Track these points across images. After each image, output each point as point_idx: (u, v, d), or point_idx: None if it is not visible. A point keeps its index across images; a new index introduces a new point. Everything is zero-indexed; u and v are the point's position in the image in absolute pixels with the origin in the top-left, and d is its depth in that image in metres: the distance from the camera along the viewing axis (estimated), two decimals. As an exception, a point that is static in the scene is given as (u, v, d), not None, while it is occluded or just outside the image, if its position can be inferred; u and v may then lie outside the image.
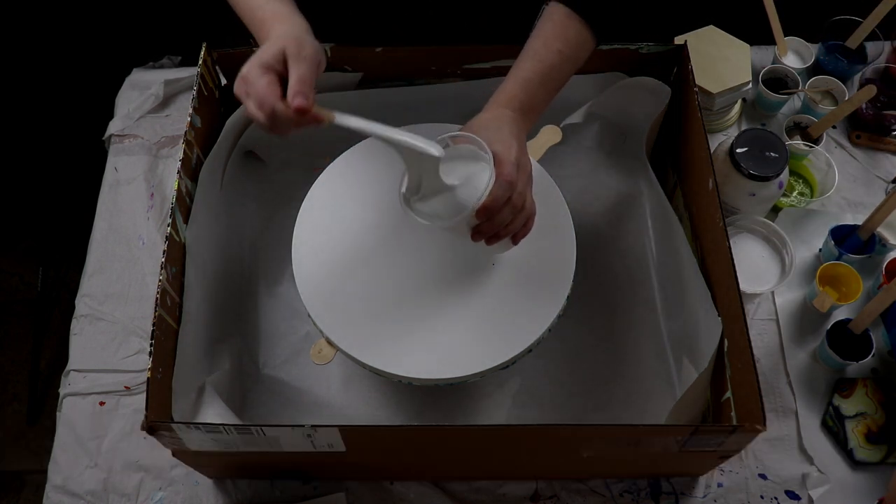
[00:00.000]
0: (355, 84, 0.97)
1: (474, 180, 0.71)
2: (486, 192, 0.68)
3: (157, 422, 0.68)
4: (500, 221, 0.71)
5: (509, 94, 0.77)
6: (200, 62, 0.88)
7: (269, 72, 0.66)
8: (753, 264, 0.95)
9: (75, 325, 0.98)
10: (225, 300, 0.93)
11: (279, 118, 0.65)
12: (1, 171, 1.81)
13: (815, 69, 1.14)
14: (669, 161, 0.99)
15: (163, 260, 0.76)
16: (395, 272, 0.82)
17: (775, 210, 1.02)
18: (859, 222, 0.97)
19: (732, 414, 0.75)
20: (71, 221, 1.68)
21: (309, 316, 0.79)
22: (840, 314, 0.97)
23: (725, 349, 0.78)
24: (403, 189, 0.73)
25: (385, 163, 0.87)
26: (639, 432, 0.70)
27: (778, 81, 1.12)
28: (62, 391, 0.94)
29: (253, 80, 0.66)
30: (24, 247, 1.78)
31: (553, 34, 0.79)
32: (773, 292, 0.98)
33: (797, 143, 1.04)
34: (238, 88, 0.68)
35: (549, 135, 0.86)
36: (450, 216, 0.70)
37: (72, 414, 0.92)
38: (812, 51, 1.14)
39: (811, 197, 1.05)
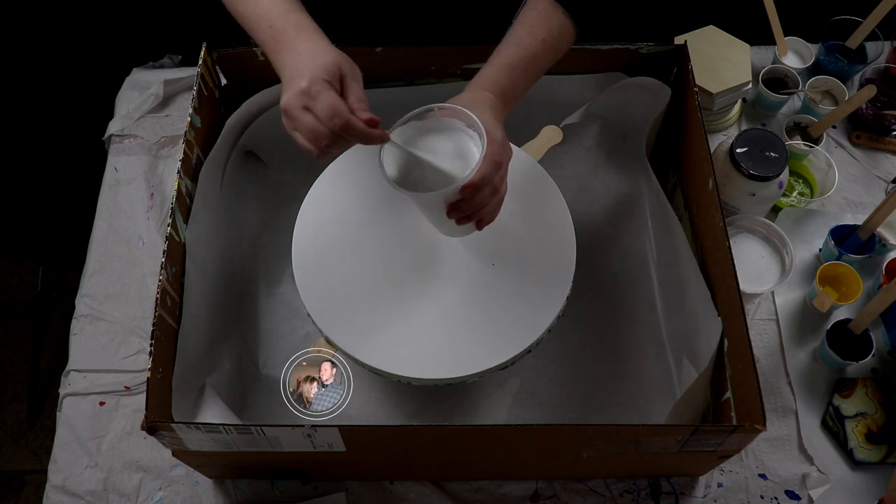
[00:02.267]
0: (355, 84, 0.96)
1: (459, 155, 0.70)
2: (475, 169, 0.67)
3: (157, 422, 0.68)
4: (479, 201, 0.70)
5: (491, 78, 0.77)
6: (200, 62, 0.88)
7: (332, 87, 0.65)
8: (753, 264, 0.95)
9: (75, 325, 0.98)
10: (225, 300, 0.93)
11: (350, 131, 0.64)
12: (1, 171, 1.81)
13: (815, 69, 1.14)
14: (669, 161, 0.99)
15: (163, 260, 0.76)
16: (395, 272, 0.82)
17: (775, 210, 1.02)
18: (859, 222, 0.97)
19: (732, 414, 0.75)
20: (71, 221, 1.68)
21: (309, 315, 0.79)
22: (840, 314, 0.97)
23: (725, 349, 0.78)
24: (383, 155, 0.71)
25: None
26: (639, 432, 0.70)
27: (778, 81, 1.12)
28: (62, 391, 0.94)
29: (318, 94, 0.64)
30: (24, 247, 1.78)
31: (538, 23, 0.79)
32: (773, 292, 0.98)
33: (797, 143, 1.04)
34: (294, 102, 0.64)
35: (550, 135, 0.86)
36: (432, 188, 0.70)
37: (72, 414, 0.92)
38: (812, 51, 1.14)
39: (811, 197, 1.05)
